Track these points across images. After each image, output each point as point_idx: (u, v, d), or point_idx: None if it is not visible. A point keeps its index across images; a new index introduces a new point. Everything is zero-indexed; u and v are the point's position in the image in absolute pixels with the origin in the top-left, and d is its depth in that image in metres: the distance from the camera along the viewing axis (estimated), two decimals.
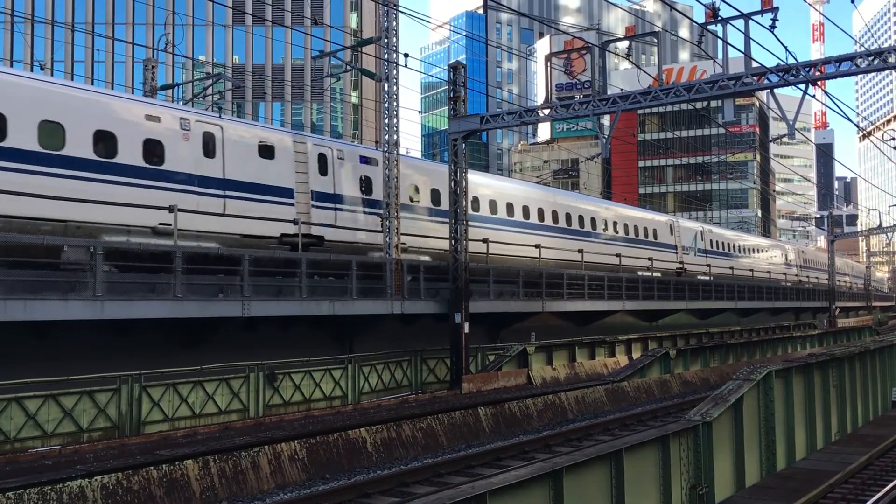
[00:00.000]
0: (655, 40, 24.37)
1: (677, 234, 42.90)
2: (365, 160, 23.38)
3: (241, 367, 17.27)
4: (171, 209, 17.48)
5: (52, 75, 56.06)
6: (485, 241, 25.82)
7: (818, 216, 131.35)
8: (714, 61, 22.11)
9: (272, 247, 20.04)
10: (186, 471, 11.57)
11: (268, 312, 18.32)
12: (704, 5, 18.37)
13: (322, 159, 21.76)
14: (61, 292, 14.66)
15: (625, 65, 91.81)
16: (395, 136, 22.80)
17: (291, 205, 20.70)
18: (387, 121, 22.88)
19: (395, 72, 22.88)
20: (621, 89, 22.20)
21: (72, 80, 58.00)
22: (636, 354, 27.13)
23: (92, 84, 56.56)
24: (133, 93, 48.20)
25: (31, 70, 54.54)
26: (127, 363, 15.66)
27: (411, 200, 24.59)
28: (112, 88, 58.62)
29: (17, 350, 14.82)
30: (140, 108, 18.35)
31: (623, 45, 24.01)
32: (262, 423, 16.20)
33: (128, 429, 14.89)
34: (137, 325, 16.54)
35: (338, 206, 22.09)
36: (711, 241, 47.72)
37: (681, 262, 42.35)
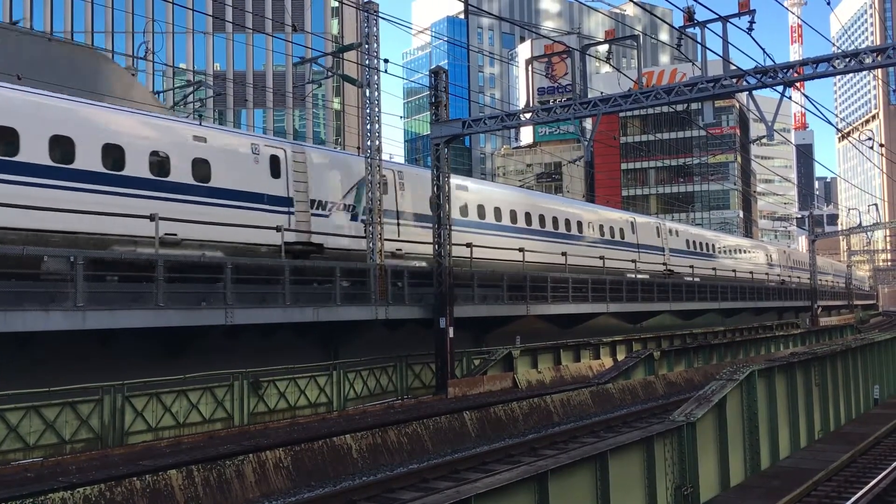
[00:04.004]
0: (635, 44, 24.58)
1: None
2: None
3: (225, 375, 17.17)
4: (151, 218, 17.41)
5: None
6: (468, 245, 25.83)
7: (799, 216, 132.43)
8: (693, 64, 22.27)
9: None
10: (170, 481, 11.48)
11: (251, 320, 18.23)
12: (681, 9, 18.49)
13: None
14: (42, 303, 14.54)
15: (605, 68, 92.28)
16: (378, 142, 22.79)
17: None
18: (369, 126, 22.88)
19: (376, 77, 22.88)
20: (602, 92, 22.31)
21: None
22: (621, 356, 27.19)
23: None
24: None
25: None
26: (109, 373, 15.53)
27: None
28: None
29: None
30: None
31: (603, 49, 24.16)
32: (246, 432, 16.11)
33: (111, 440, 14.76)
34: (120, 334, 16.42)
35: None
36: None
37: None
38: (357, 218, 23.35)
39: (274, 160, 21.25)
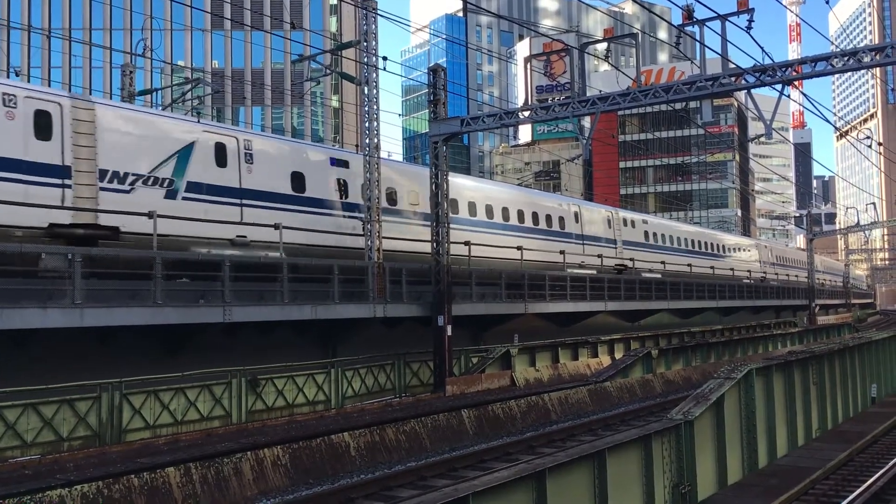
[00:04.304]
0: (634, 42, 24.59)
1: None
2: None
3: (223, 373, 17.16)
4: (150, 215, 17.34)
5: (28, 81, 55.54)
6: (467, 243, 25.82)
7: (797, 215, 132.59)
8: (692, 63, 22.28)
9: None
10: (168, 478, 11.47)
11: (249, 317, 18.21)
12: (680, 7, 18.49)
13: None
14: (40, 300, 14.52)
15: (604, 67, 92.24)
16: (376, 140, 22.79)
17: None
18: (367, 124, 22.87)
19: (374, 75, 22.87)
20: (600, 91, 22.31)
21: (48, 86, 57.49)
22: (619, 355, 27.21)
23: (69, 90, 56.03)
24: (111, 98, 47.82)
25: (7, 77, 53.98)
26: (107, 371, 15.52)
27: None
28: (90, 94, 58.14)
29: None
30: None
31: (602, 47, 24.16)
32: (244, 429, 16.10)
33: (108, 437, 14.75)
34: (118, 332, 16.41)
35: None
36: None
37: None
38: (176, 195, 18.94)
39: (42, 117, 16.73)
